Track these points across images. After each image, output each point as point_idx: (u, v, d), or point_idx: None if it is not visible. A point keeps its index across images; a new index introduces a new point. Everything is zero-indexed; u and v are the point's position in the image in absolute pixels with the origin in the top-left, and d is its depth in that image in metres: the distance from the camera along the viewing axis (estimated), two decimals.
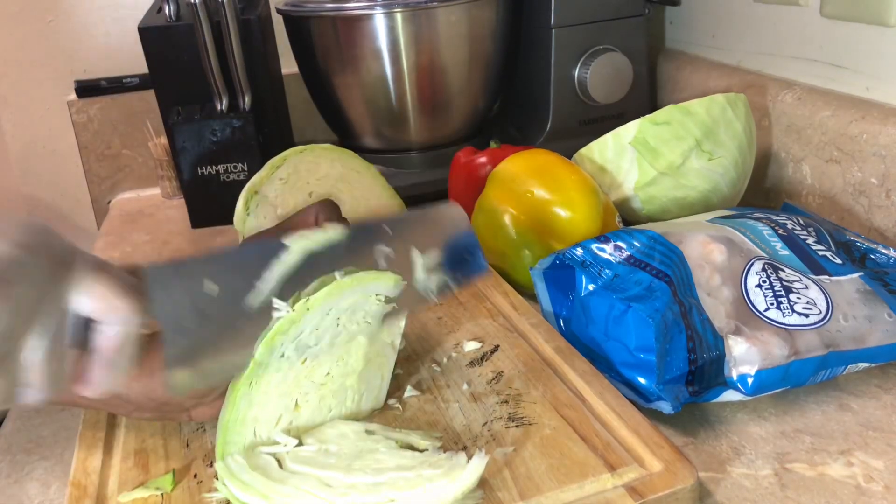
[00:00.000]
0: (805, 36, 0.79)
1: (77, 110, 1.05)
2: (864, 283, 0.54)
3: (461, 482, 0.40)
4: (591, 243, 0.58)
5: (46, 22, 1.04)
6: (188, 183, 0.88)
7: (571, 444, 0.45)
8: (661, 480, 0.42)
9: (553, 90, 0.90)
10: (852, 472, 0.45)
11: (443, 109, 0.93)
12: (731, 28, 0.90)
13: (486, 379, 0.53)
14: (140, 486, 0.45)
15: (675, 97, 0.98)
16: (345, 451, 0.45)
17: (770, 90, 0.81)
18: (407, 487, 0.41)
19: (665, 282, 0.53)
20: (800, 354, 0.50)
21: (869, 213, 0.70)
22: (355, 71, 0.89)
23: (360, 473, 0.42)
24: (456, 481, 0.40)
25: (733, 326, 0.51)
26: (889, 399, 0.52)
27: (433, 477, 0.41)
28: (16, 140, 1.08)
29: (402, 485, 0.41)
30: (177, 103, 0.89)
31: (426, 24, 0.86)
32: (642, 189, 0.71)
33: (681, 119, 0.69)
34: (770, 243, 0.58)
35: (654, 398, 0.49)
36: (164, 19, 0.87)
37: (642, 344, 0.50)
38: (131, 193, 1.09)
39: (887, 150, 0.67)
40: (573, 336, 0.57)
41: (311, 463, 0.43)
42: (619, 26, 0.89)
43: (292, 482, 0.42)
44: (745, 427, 0.50)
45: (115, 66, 1.07)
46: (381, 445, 0.45)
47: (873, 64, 0.71)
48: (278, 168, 0.76)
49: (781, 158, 0.80)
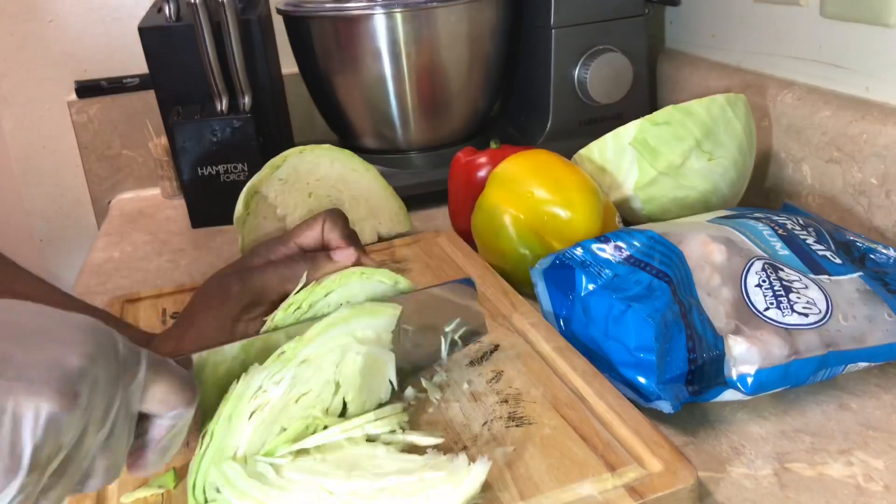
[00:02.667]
0: (805, 36, 0.79)
1: (77, 110, 1.05)
2: (864, 283, 0.54)
3: (464, 489, 0.40)
4: (591, 243, 0.58)
5: (46, 22, 1.04)
6: (188, 183, 0.88)
7: (571, 444, 0.45)
8: (661, 480, 0.42)
9: (553, 90, 0.90)
10: (852, 472, 0.45)
11: (443, 109, 0.93)
12: (731, 28, 0.90)
13: (486, 378, 0.53)
14: (142, 486, 0.45)
15: (675, 97, 0.98)
16: (343, 457, 0.44)
17: (770, 90, 0.81)
18: (409, 493, 0.40)
19: (665, 281, 0.53)
20: (799, 354, 0.50)
21: (869, 213, 0.70)
22: (355, 71, 0.89)
23: (360, 479, 0.41)
24: (459, 488, 0.40)
25: (733, 326, 0.51)
26: (889, 399, 0.52)
27: (435, 481, 0.41)
28: (16, 140, 1.08)
29: (405, 490, 0.41)
30: (177, 103, 0.89)
31: (426, 24, 0.86)
32: (642, 189, 0.71)
33: (681, 119, 0.69)
34: (770, 243, 0.58)
35: (654, 398, 0.49)
36: (164, 19, 0.88)
37: (642, 343, 0.50)
38: (131, 193, 1.09)
39: (887, 151, 0.67)
40: (573, 336, 0.57)
41: (310, 471, 0.42)
42: (619, 26, 0.89)
43: (292, 489, 0.41)
44: (745, 427, 0.50)
45: (115, 66, 1.07)
46: (379, 450, 0.45)
47: (873, 64, 0.71)
48: (278, 168, 0.76)
49: (781, 158, 0.80)
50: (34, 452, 0.30)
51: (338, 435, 0.45)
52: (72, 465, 0.33)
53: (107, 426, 0.34)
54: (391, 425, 0.47)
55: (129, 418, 0.35)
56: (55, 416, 0.31)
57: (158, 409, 0.37)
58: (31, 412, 0.30)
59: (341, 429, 0.45)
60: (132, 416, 0.36)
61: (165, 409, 0.37)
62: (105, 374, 0.33)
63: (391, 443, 0.46)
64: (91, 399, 0.32)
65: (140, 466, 0.38)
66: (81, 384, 0.32)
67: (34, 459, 0.30)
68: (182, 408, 0.38)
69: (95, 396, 0.33)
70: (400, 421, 0.47)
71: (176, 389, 0.37)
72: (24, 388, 0.30)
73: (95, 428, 0.33)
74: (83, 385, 0.32)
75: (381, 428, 0.46)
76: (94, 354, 0.33)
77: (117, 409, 0.34)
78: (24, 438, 0.30)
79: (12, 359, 0.31)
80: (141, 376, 0.36)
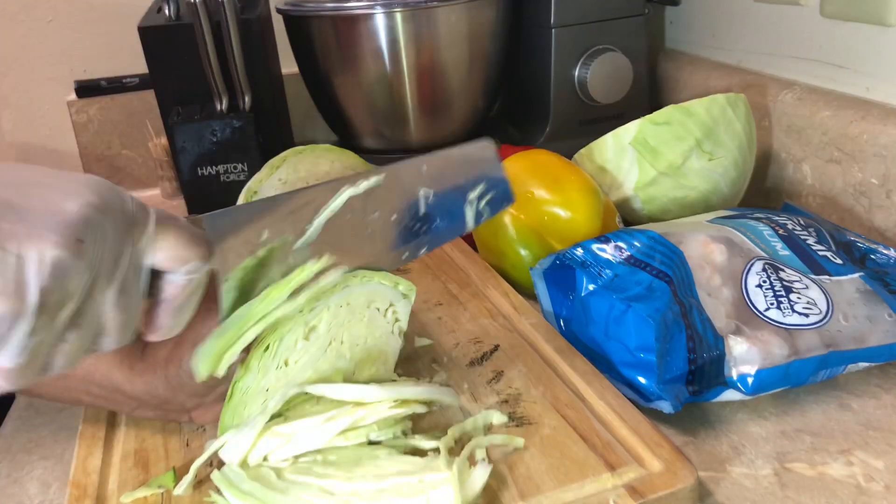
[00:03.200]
0: (805, 36, 0.79)
1: (77, 110, 1.05)
2: (865, 283, 0.54)
3: (465, 491, 0.40)
4: (592, 243, 0.58)
5: (46, 22, 1.04)
6: (188, 183, 0.88)
7: (571, 444, 0.45)
8: (661, 480, 0.42)
9: (553, 90, 0.90)
10: (852, 472, 0.45)
11: (443, 109, 0.93)
12: (731, 28, 0.90)
13: (486, 379, 0.53)
14: (142, 486, 0.45)
15: (675, 97, 0.98)
16: (344, 458, 0.44)
17: (770, 90, 0.81)
18: (410, 494, 0.40)
19: (665, 282, 0.53)
20: (800, 354, 0.50)
21: (869, 213, 0.70)
22: (355, 71, 0.89)
23: (361, 480, 0.41)
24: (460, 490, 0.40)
25: (733, 326, 0.51)
26: (889, 399, 0.52)
27: (436, 483, 0.41)
28: (16, 140, 1.08)
29: (406, 491, 0.40)
30: (177, 103, 0.89)
31: (426, 24, 0.86)
32: (642, 189, 0.71)
33: (681, 119, 0.69)
34: (770, 243, 0.58)
35: (654, 398, 0.49)
36: (164, 19, 0.87)
37: (642, 344, 0.50)
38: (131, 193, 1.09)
39: (887, 151, 0.67)
40: (573, 336, 0.57)
41: (311, 473, 0.43)
42: (619, 26, 0.89)
43: (293, 491, 0.41)
44: (745, 427, 0.50)
45: (115, 66, 1.07)
46: (380, 451, 0.45)
47: (873, 64, 0.71)
48: (278, 169, 0.76)
49: (781, 158, 0.80)
50: (41, 295, 0.30)
51: (342, 441, 0.45)
52: (84, 318, 0.33)
53: (117, 280, 0.34)
54: (395, 432, 0.46)
55: (139, 273, 0.35)
56: (60, 259, 0.31)
57: (171, 265, 0.37)
58: (35, 254, 0.31)
59: (344, 437, 0.45)
60: (143, 270, 0.36)
61: (178, 264, 0.37)
62: (112, 226, 0.34)
63: (392, 445, 0.46)
64: (98, 249, 0.33)
65: (156, 327, 0.38)
66: (86, 231, 0.32)
67: (41, 301, 0.31)
68: (196, 261, 0.37)
69: (103, 247, 0.33)
70: (404, 427, 0.47)
71: (188, 243, 0.37)
72: (26, 231, 0.31)
73: (105, 280, 0.33)
74: (87, 233, 0.32)
75: (385, 435, 0.46)
76: (98, 204, 0.33)
77: (127, 264, 0.34)
78: (28, 280, 0.30)
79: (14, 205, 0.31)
80: (150, 230, 0.36)
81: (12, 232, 0.30)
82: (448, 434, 0.45)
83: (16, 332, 0.30)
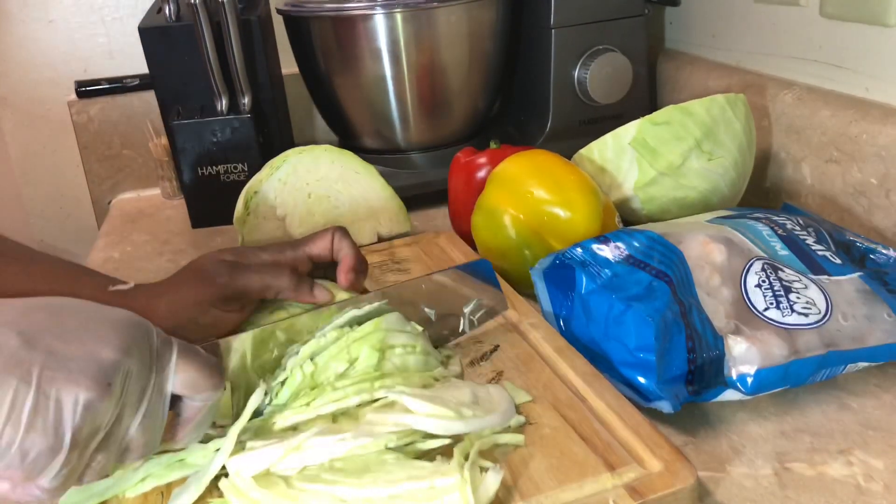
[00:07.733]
0: (805, 36, 0.79)
1: (77, 111, 1.05)
2: (864, 283, 0.54)
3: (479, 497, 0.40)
4: (591, 243, 0.58)
5: (46, 22, 1.04)
6: (188, 183, 0.88)
7: (571, 444, 0.45)
8: (661, 480, 0.42)
9: (553, 90, 0.90)
10: (852, 472, 0.46)
11: (443, 109, 0.93)
12: (731, 28, 0.90)
13: (486, 379, 0.53)
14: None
15: (674, 97, 0.98)
16: (353, 464, 0.43)
17: (770, 90, 0.81)
18: (423, 500, 0.40)
19: (665, 281, 0.53)
20: (799, 354, 0.50)
21: (869, 213, 0.70)
22: (355, 71, 0.89)
23: (372, 486, 0.41)
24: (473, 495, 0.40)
25: (733, 326, 0.51)
26: (889, 399, 0.52)
27: (448, 488, 0.40)
28: (16, 140, 1.08)
29: (418, 497, 0.40)
30: (177, 103, 0.89)
31: (426, 24, 0.86)
32: (642, 189, 0.71)
33: (680, 119, 0.69)
34: (770, 243, 0.58)
35: (653, 398, 0.49)
36: (164, 19, 0.88)
37: (642, 343, 0.50)
38: (132, 194, 1.09)
39: (887, 151, 0.67)
40: (573, 336, 0.57)
41: (320, 480, 0.42)
42: (619, 26, 0.89)
43: (304, 499, 0.41)
44: (745, 427, 0.50)
45: (115, 66, 1.07)
46: (388, 456, 0.44)
47: (873, 64, 0.71)
48: (278, 169, 0.76)
49: (781, 158, 0.80)
50: (74, 433, 0.36)
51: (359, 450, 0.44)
52: (112, 442, 0.38)
53: (142, 407, 0.39)
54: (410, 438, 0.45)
55: (161, 399, 0.40)
56: (91, 402, 0.36)
57: (189, 393, 0.42)
58: (71, 398, 0.36)
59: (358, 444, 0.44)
60: (165, 397, 0.41)
61: (195, 392, 0.42)
62: (139, 364, 0.39)
63: (400, 449, 0.45)
64: (125, 386, 0.38)
65: (176, 441, 0.44)
66: (115, 375, 0.37)
67: (74, 439, 0.36)
68: (209, 391, 0.43)
69: (130, 383, 0.38)
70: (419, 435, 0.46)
71: (204, 375, 0.42)
72: (64, 377, 0.36)
73: (132, 409, 0.39)
74: (117, 375, 0.37)
75: (403, 441, 0.45)
76: (128, 348, 0.38)
77: (151, 392, 0.39)
78: (65, 421, 0.36)
79: (56, 353, 0.36)
80: (173, 363, 0.41)
81: (54, 378, 0.36)
82: (465, 441, 0.44)
83: (53, 465, 0.36)
